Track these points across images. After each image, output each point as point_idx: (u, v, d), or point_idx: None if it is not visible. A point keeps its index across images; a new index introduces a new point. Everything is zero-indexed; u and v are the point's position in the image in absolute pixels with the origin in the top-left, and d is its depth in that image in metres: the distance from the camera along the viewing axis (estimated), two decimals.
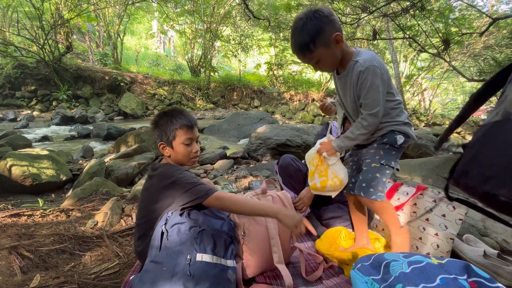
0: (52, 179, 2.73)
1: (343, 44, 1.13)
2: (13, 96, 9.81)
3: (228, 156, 4.09)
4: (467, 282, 0.55)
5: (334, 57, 1.16)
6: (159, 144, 1.21)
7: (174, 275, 0.91)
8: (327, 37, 1.10)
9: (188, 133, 1.19)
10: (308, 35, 1.09)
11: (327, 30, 1.09)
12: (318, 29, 1.08)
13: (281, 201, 1.33)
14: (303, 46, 1.12)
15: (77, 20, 11.06)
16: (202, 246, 0.98)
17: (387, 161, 1.20)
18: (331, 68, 1.21)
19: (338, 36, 1.10)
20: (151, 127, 1.25)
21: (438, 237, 1.31)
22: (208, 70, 13.56)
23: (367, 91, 1.12)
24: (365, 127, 1.17)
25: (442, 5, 7.79)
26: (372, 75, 1.11)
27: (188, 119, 1.20)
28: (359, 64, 1.13)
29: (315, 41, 1.10)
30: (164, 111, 1.24)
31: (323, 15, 1.09)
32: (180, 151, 1.19)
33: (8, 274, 1.24)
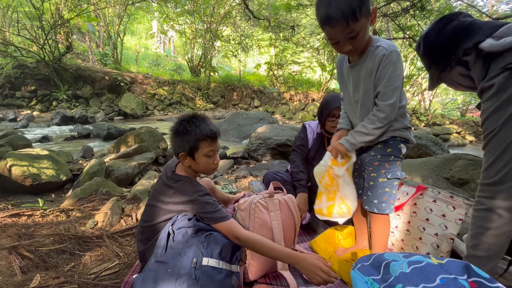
0: (52, 179, 2.73)
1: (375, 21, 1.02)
2: (13, 96, 9.81)
3: (228, 156, 4.09)
4: (467, 282, 0.55)
5: (365, 35, 1.02)
6: (180, 155, 1.15)
7: (179, 277, 0.90)
8: (369, 8, 0.95)
9: (212, 145, 1.14)
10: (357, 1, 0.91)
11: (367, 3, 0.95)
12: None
13: (287, 205, 1.32)
14: (350, 12, 0.91)
15: (77, 20, 11.06)
16: (209, 250, 0.98)
17: (393, 174, 1.19)
18: (362, 47, 1.06)
19: (376, 10, 1.00)
20: (171, 134, 1.17)
21: (438, 237, 1.31)
22: (208, 70, 13.56)
23: (389, 78, 1.03)
24: (381, 119, 1.07)
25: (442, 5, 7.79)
26: (396, 60, 1.03)
27: (212, 130, 1.13)
28: (382, 47, 1.04)
29: (361, 8, 0.92)
30: (186, 119, 1.15)
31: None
32: (202, 162, 1.15)
33: (8, 274, 1.24)
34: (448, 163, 2.94)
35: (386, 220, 1.24)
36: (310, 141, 1.90)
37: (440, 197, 1.35)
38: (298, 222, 1.35)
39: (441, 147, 4.71)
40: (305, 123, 1.98)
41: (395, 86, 1.04)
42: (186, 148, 1.13)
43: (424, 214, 1.39)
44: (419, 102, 14.47)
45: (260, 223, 1.21)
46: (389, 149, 1.18)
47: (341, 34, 0.97)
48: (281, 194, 1.37)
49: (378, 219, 1.24)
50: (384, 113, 1.06)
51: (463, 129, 10.35)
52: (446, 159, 3.02)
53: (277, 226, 1.23)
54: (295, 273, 1.27)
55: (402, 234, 1.48)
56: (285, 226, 1.27)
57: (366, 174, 1.24)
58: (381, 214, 1.21)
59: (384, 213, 1.20)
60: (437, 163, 2.97)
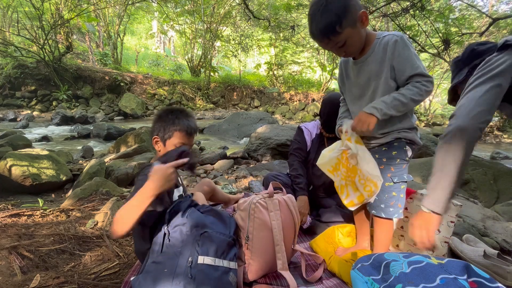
0: (52, 179, 2.73)
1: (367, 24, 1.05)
2: (13, 96, 9.80)
3: (228, 156, 4.09)
4: (467, 282, 0.55)
5: (361, 38, 1.07)
6: (153, 137, 1.22)
7: (175, 277, 0.90)
8: (354, 15, 1.00)
9: (184, 139, 1.19)
10: (335, 15, 0.98)
11: (352, 8, 0.99)
12: (344, 7, 0.98)
13: (286, 205, 1.32)
14: (329, 28, 0.99)
15: (77, 20, 11.06)
16: (204, 248, 0.98)
17: (400, 177, 1.17)
18: (357, 50, 1.10)
19: (365, 14, 1.02)
20: (154, 118, 1.24)
21: None
22: (208, 70, 13.55)
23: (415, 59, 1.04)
24: (424, 92, 1.03)
25: (442, 5, 7.79)
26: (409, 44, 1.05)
27: (191, 126, 1.20)
28: (391, 35, 1.06)
29: (341, 21, 0.98)
30: (172, 109, 1.24)
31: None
32: None
33: (8, 274, 1.24)
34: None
35: (391, 223, 1.23)
36: (308, 143, 1.88)
37: None
38: (298, 222, 1.35)
39: None
40: (300, 125, 1.96)
41: (422, 65, 1.05)
42: (161, 134, 1.19)
43: None
44: None
45: (259, 223, 1.21)
46: (394, 151, 1.16)
47: (328, 46, 1.07)
48: (281, 194, 1.37)
49: (383, 222, 1.22)
50: (429, 87, 1.04)
51: None
52: None
53: (277, 226, 1.23)
54: (295, 273, 1.27)
55: (396, 239, 1.47)
56: (284, 226, 1.26)
57: None
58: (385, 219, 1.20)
59: (393, 217, 1.19)
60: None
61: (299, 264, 1.35)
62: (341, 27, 0.99)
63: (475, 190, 2.68)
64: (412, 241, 1.39)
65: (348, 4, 0.98)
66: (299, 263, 1.36)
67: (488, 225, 1.77)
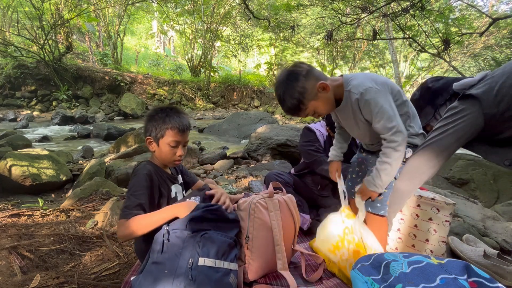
0: (52, 179, 2.73)
1: (330, 88, 1.12)
2: (13, 96, 9.80)
3: (228, 156, 4.09)
4: (467, 282, 0.55)
5: (328, 101, 1.16)
6: (146, 138, 1.22)
7: (176, 278, 0.90)
8: (313, 91, 1.10)
9: (177, 136, 1.18)
10: (294, 99, 1.11)
11: (309, 86, 1.10)
12: (300, 91, 1.09)
13: (286, 205, 1.32)
14: (295, 110, 1.14)
15: (77, 20, 11.06)
16: (205, 249, 0.97)
17: None
18: (330, 110, 1.21)
19: (322, 85, 1.10)
20: (145, 119, 1.25)
21: (429, 242, 1.31)
22: (208, 70, 13.56)
23: (375, 115, 1.08)
24: (396, 148, 1.07)
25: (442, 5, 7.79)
26: (371, 97, 1.07)
27: (182, 122, 1.19)
28: (352, 93, 1.12)
29: (302, 101, 1.11)
30: (162, 108, 1.23)
31: (299, 74, 1.10)
32: (164, 150, 1.19)
33: (8, 274, 1.24)
34: (448, 163, 2.94)
35: (383, 222, 1.23)
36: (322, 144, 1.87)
37: (423, 201, 1.34)
38: (298, 222, 1.34)
39: None
40: (308, 126, 1.93)
41: (387, 117, 1.06)
42: (153, 133, 1.19)
43: (412, 220, 1.38)
44: None
45: (259, 223, 1.21)
46: None
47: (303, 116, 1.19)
48: (281, 194, 1.37)
49: (374, 221, 1.23)
50: (396, 141, 1.07)
51: None
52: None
53: (277, 226, 1.23)
54: (295, 273, 1.27)
55: (395, 242, 1.46)
56: (284, 226, 1.26)
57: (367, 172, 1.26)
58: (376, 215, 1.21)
59: (379, 214, 1.20)
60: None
61: (299, 264, 1.35)
62: (304, 105, 1.12)
63: (475, 190, 2.68)
64: (410, 244, 1.39)
65: (303, 86, 1.09)
66: (299, 263, 1.36)
67: (488, 225, 1.77)
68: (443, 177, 2.83)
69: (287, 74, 1.13)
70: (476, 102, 1.02)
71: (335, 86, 1.16)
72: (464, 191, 2.69)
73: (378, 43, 12.04)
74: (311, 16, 9.45)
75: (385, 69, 14.15)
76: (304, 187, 1.93)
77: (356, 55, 13.20)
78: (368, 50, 13.18)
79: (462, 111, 1.05)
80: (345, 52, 13.44)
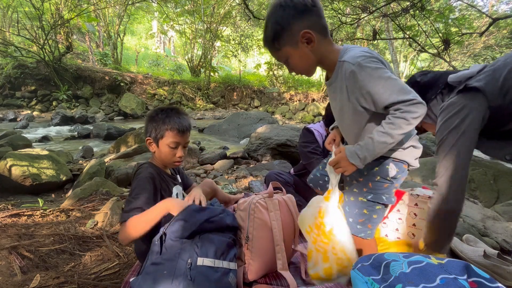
0: (52, 179, 2.73)
1: (316, 44, 0.93)
2: (13, 96, 9.81)
3: (228, 156, 4.09)
4: (467, 282, 0.55)
5: (307, 59, 0.96)
6: (146, 139, 1.22)
7: (175, 279, 0.90)
8: (294, 35, 0.91)
9: (176, 137, 1.18)
10: (271, 30, 0.93)
11: (294, 26, 0.90)
12: (282, 24, 0.91)
13: (286, 205, 1.32)
14: (267, 43, 0.97)
15: (77, 20, 11.06)
16: (204, 249, 0.97)
17: (375, 197, 1.03)
18: (305, 71, 1.01)
19: (308, 35, 0.91)
20: (146, 119, 1.25)
21: None
22: (208, 70, 13.56)
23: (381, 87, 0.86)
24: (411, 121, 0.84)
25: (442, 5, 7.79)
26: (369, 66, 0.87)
27: (182, 124, 1.19)
28: (347, 63, 0.91)
29: (278, 38, 0.93)
30: (162, 108, 1.23)
31: (292, 5, 0.89)
32: (164, 151, 1.19)
33: (8, 274, 1.24)
34: None
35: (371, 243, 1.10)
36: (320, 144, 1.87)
37: (420, 200, 1.34)
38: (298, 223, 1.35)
39: None
40: (307, 126, 1.92)
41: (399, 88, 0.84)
42: (153, 134, 1.19)
43: (410, 220, 1.37)
44: None
45: (259, 223, 1.21)
46: (376, 167, 1.02)
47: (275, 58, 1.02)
48: (281, 194, 1.37)
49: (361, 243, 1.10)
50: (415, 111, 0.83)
51: None
52: None
53: (277, 226, 1.23)
54: (295, 273, 1.27)
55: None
56: (284, 226, 1.27)
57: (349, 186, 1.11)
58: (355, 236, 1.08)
59: (358, 236, 1.07)
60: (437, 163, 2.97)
61: (299, 264, 1.35)
62: (278, 44, 0.94)
63: (475, 190, 2.68)
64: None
65: (287, 21, 0.90)
66: (299, 263, 1.36)
67: (488, 225, 1.77)
68: None
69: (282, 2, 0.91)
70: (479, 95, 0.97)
71: (327, 50, 0.96)
72: None
73: (378, 43, 12.04)
74: None
75: None
76: (305, 187, 1.93)
77: None
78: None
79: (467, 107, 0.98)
80: None
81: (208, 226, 1.04)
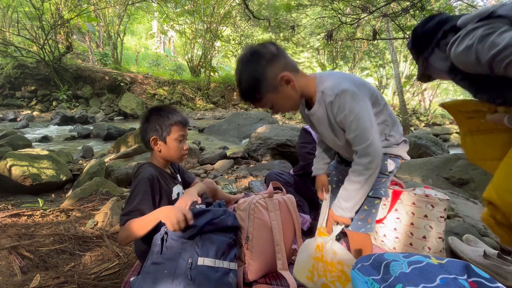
0: (52, 179, 2.73)
1: (296, 83, 0.97)
2: (13, 96, 9.81)
3: (228, 156, 4.09)
4: (467, 282, 0.55)
5: (290, 98, 1.00)
6: (151, 138, 1.20)
7: (175, 278, 0.90)
8: (272, 82, 0.95)
9: (182, 130, 1.22)
10: (249, 85, 0.96)
11: (270, 74, 0.94)
12: (258, 77, 0.94)
13: (286, 205, 1.32)
14: (248, 97, 0.99)
15: (77, 20, 11.07)
16: (204, 249, 0.98)
17: (374, 192, 1.07)
18: (291, 109, 1.06)
19: (286, 77, 0.95)
20: (142, 121, 1.24)
21: (426, 239, 1.31)
22: (208, 70, 13.56)
23: (350, 123, 0.93)
24: (368, 165, 0.94)
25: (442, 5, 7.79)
26: (346, 101, 0.92)
27: (183, 117, 1.24)
28: (326, 94, 0.95)
29: (258, 90, 0.96)
30: (156, 107, 1.25)
31: (260, 57, 0.93)
32: (173, 146, 1.21)
33: (8, 274, 1.24)
34: (448, 163, 2.94)
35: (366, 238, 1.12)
36: None
37: (418, 199, 1.34)
38: (298, 223, 1.34)
39: (441, 147, 4.71)
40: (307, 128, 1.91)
41: (362, 127, 0.92)
42: (159, 133, 1.19)
43: (408, 219, 1.38)
44: (419, 102, 14.49)
45: (259, 224, 1.21)
46: None
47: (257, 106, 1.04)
48: (281, 194, 1.37)
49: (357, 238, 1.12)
50: (368, 158, 0.93)
51: None
52: (446, 159, 3.02)
53: (277, 226, 1.23)
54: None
55: (392, 242, 1.46)
56: (284, 226, 1.26)
57: None
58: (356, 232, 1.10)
59: (359, 232, 1.09)
60: (437, 163, 2.98)
61: None
62: (260, 94, 0.97)
63: (475, 190, 2.68)
64: (408, 243, 1.39)
65: (262, 72, 0.93)
66: None
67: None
68: (443, 177, 2.83)
69: (249, 53, 0.95)
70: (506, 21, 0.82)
71: (304, 83, 1.00)
72: (464, 191, 2.68)
73: (378, 43, 12.04)
74: (311, 16, 9.46)
75: (385, 69, 14.16)
76: (305, 187, 1.93)
77: (356, 55, 13.21)
78: (368, 50, 13.19)
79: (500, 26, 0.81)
80: (345, 52, 13.45)
81: (209, 228, 1.04)
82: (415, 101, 14.23)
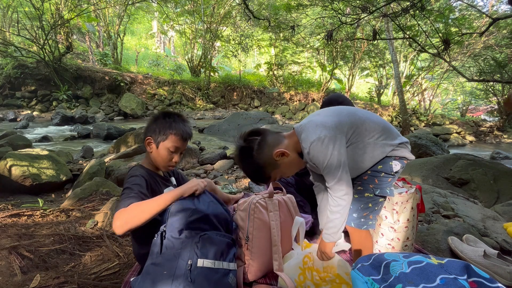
0: (52, 179, 2.73)
1: (288, 150, 1.06)
2: (13, 96, 9.81)
3: (228, 156, 4.09)
4: (467, 282, 0.55)
5: (292, 163, 1.10)
6: (146, 138, 1.20)
7: (175, 279, 0.90)
8: (271, 161, 1.06)
9: (178, 143, 1.19)
10: (254, 175, 1.11)
11: (265, 158, 1.05)
12: (256, 167, 1.07)
13: (286, 205, 1.32)
14: (258, 180, 1.15)
15: (77, 20, 11.07)
16: (204, 250, 0.97)
17: (381, 191, 1.11)
18: (298, 168, 1.16)
19: (279, 152, 1.05)
20: (150, 119, 1.25)
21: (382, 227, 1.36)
22: (208, 70, 13.56)
23: (323, 168, 1.03)
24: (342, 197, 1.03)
25: (442, 5, 7.80)
26: (319, 149, 1.01)
27: (186, 131, 1.21)
28: (303, 148, 1.06)
29: (263, 174, 1.09)
30: (170, 112, 1.24)
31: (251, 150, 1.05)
32: (162, 154, 1.18)
33: (8, 274, 1.24)
34: (448, 163, 2.94)
35: (366, 234, 1.15)
36: None
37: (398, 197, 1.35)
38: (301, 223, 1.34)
39: (441, 147, 4.71)
40: None
41: (334, 167, 1.01)
42: (156, 135, 1.19)
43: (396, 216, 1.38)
44: (419, 102, 14.48)
45: (259, 224, 1.21)
46: (380, 165, 1.10)
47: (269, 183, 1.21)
48: (281, 194, 1.37)
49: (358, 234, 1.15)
50: (339, 191, 1.02)
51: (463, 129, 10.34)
52: (446, 159, 3.02)
53: (275, 227, 1.23)
54: None
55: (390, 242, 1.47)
56: (284, 226, 1.26)
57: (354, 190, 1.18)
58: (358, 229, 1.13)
59: (362, 229, 1.12)
60: (437, 163, 2.98)
61: None
62: (266, 175, 1.09)
63: (475, 190, 2.68)
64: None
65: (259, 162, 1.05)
66: None
67: (488, 225, 1.78)
68: (443, 177, 2.83)
69: (240, 151, 1.08)
70: None
71: (292, 143, 1.10)
72: (464, 191, 2.68)
73: (378, 43, 12.04)
74: (311, 16, 9.45)
75: (385, 69, 14.15)
76: (306, 187, 1.93)
77: (356, 55, 13.19)
78: (368, 50, 13.17)
79: None
80: (345, 52, 13.42)
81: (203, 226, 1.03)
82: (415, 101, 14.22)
